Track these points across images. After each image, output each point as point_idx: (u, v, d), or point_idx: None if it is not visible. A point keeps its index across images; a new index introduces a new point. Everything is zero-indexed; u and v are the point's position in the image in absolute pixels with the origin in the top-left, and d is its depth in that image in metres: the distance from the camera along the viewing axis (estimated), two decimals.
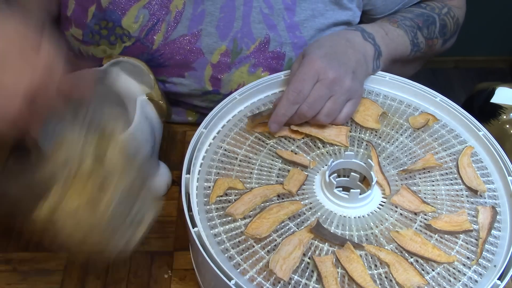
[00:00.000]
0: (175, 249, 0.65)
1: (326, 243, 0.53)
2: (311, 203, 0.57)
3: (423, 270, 0.51)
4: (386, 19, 0.76)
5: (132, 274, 0.63)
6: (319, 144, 0.63)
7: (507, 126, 0.71)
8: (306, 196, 0.58)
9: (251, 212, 0.55)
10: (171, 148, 0.77)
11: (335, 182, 0.56)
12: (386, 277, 0.51)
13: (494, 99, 0.73)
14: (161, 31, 0.74)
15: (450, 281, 0.51)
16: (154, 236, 0.67)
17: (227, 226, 0.54)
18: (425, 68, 2.21)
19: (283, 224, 0.55)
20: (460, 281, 0.51)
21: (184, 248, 0.65)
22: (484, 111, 0.73)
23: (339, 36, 0.67)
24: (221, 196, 0.57)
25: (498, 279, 0.50)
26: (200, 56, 0.75)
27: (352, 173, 0.61)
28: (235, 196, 0.57)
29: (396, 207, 0.57)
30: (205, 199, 0.57)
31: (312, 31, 0.75)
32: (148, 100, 0.64)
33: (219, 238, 0.53)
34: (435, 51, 0.81)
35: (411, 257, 0.52)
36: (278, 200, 0.57)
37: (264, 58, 0.75)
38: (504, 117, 0.71)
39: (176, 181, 0.72)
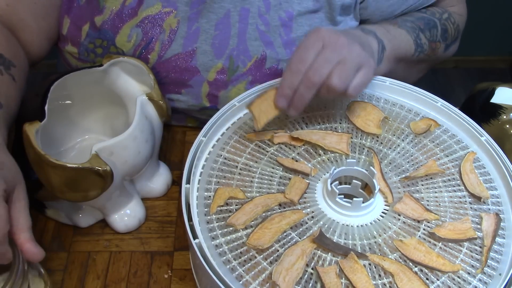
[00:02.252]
0: (175, 249, 0.65)
1: (329, 253, 0.53)
2: (313, 212, 0.56)
3: (427, 280, 0.51)
4: (386, 21, 0.76)
5: (132, 274, 0.63)
6: (320, 151, 0.62)
7: (507, 126, 0.71)
8: (308, 204, 0.57)
9: (253, 222, 0.55)
10: (171, 148, 0.77)
11: (337, 191, 0.56)
12: (390, 287, 0.50)
13: (494, 99, 0.73)
14: (155, 50, 0.73)
15: None
16: (154, 236, 0.67)
17: (228, 237, 0.54)
18: None
19: (285, 234, 0.54)
20: None
21: (184, 248, 0.65)
22: (484, 111, 0.73)
23: (342, 31, 0.63)
24: (222, 206, 0.56)
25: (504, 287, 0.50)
26: (196, 74, 0.74)
27: (354, 180, 0.60)
28: (236, 205, 0.56)
29: (399, 215, 0.56)
30: (206, 209, 0.56)
31: None
32: (148, 100, 0.64)
33: (221, 249, 0.53)
34: (438, 56, 0.80)
35: (416, 266, 0.52)
36: (279, 209, 0.56)
37: (261, 75, 0.74)
38: (504, 117, 0.71)
39: (176, 181, 0.72)
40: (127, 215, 0.66)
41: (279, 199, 0.57)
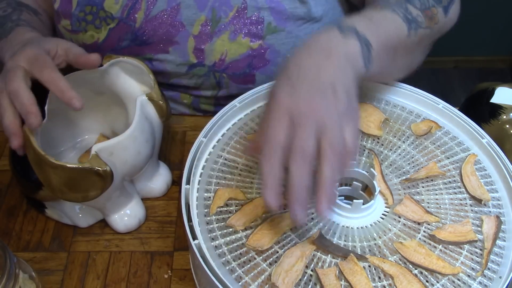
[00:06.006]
0: (175, 249, 0.65)
1: (329, 255, 0.52)
2: (313, 214, 0.56)
3: (427, 282, 0.51)
4: (368, 6, 0.65)
5: (132, 274, 0.62)
6: None
7: (507, 126, 0.70)
8: (308, 206, 0.57)
9: (253, 223, 0.54)
10: (171, 148, 0.77)
11: (337, 192, 0.55)
12: None
13: (494, 99, 0.73)
14: (141, 9, 0.75)
15: None
16: (154, 236, 0.67)
17: (228, 238, 0.54)
18: (425, 68, 2.20)
19: (285, 235, 0.54)
20: None
21: (184, 248, 0.65)
22: (484, 111, 0.73)
23: (310, 47, 0.53)
24: (222, 206, 0.56)
25: None
26: (182, 29, 0.76)
27: (355, 182, 0.60)
28: (236, 206, 0.56)
29: (399, 217, 0.56)
30: (206, 210, 0.56)
31: None
32: (148, 100, 0.64)
33: (220, 250, 0.53)
34: (441, 24, 0.67)
35: (415, 269, 0.52)
36: (279, 210, 0.56)
37: (244, 24, 0.75)
38: (504, 117, 0.71)
39: (176, 181, 0.72)
40: (127, 215, 0.66)
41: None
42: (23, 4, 0.76)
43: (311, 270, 0.51)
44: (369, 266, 0.52)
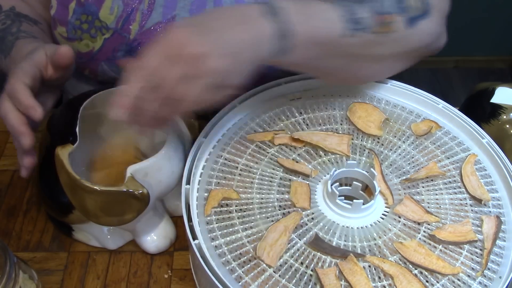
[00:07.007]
0: (175, 249, 0.65)
1: (329, 255, 0.52)
2: (313, 214, 0.56)
3: (427, 282, 0.51)
4: None
5: (132, 274, 0.63)
6: (321, 152, 0.62)
7: (507, 126, 0.70)
8: None
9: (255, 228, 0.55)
10: None
11: (337, 192, 0.55)
12: None
13: (494, 99, 0.73)
14: (136, 20, 0.74)
15: None
16: None
17: (228, 238, 0.54)
18: (425, 68, 2.20)
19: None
20: None
21: (184, 248, 0.65)
22: (484, 111, 0.73)
23: (225, 12, 0.53)
24: (218, 207, 0.56)
25: None
26: None
27: (355, 182, 0.60)
28: (236, 206, 0.56)
29: (399, 217, 0.56)
30: None
31: None
32: (179, 117, 0.62)
33: (220, 250, 0.53)
34: (402, 35, 0.61)
35: (415, 269, 0.52)
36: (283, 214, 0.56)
37: None
38: (504, 117, 0.71)
39: None
40: (158, 236, 0.64)
41: (294, 220, 0.55)
42: (21, 15, 0.75)
43: (311, 270, 0.51)
44: (369, 266, 0.52)
